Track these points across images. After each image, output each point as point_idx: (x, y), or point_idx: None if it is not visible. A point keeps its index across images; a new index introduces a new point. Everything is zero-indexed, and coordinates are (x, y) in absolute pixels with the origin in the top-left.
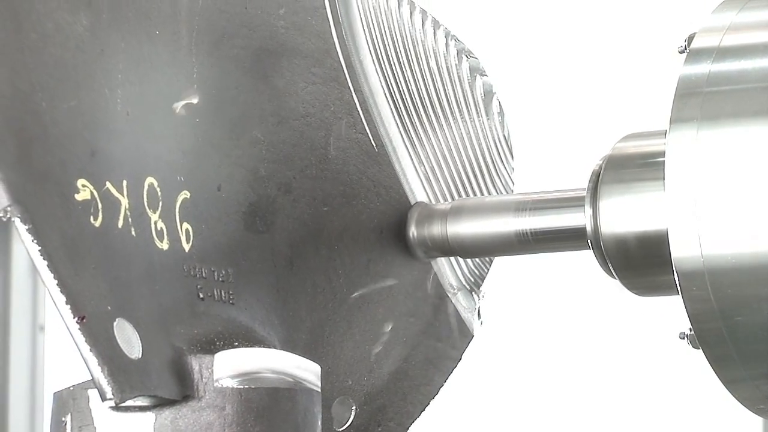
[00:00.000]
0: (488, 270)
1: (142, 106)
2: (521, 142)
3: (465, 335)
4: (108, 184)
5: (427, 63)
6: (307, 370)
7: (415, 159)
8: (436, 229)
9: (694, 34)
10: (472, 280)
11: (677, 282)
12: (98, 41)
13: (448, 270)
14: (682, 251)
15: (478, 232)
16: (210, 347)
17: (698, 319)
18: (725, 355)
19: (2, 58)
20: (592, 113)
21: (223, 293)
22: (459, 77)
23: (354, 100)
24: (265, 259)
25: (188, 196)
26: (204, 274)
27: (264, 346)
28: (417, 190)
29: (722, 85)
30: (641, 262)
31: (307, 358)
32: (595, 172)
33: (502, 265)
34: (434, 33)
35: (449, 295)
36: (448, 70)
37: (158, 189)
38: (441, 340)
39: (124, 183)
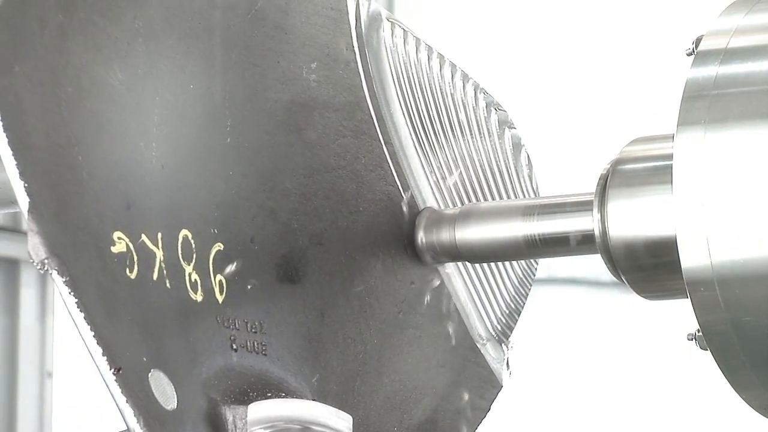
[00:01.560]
0: (517, 321)
1: (177, 159)
2: (531, 146)
3: (494, 386)
4: (143, 237)
5: (457, 115)
6: (340, 421)
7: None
8: (444, 235)
9: (702, 36)
10: (501, 330)
11: (686, 285)
12: (133, 95)
13: (477, 321)
14: (690, 255)
15: (486, 237)
16: (243, 398)
17: (707, 322)
18: (734, 357)
19: (39, 112)
20: (600, 117)
21: (255, 344)
22: (488, 130)
23: (384, 153)
24: (296, 310)
25: (222, 248)
26: (237, 326)
27: (296, 397)
28: None
29: (730, 87)
30: (649, 266)
31: (339, 408)
32: (602, 176)
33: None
34: (463, 86)
35: (478, 346)
36: (477, 122)
37: (192, 241)
38: (470, 391)
39: (159, 235)
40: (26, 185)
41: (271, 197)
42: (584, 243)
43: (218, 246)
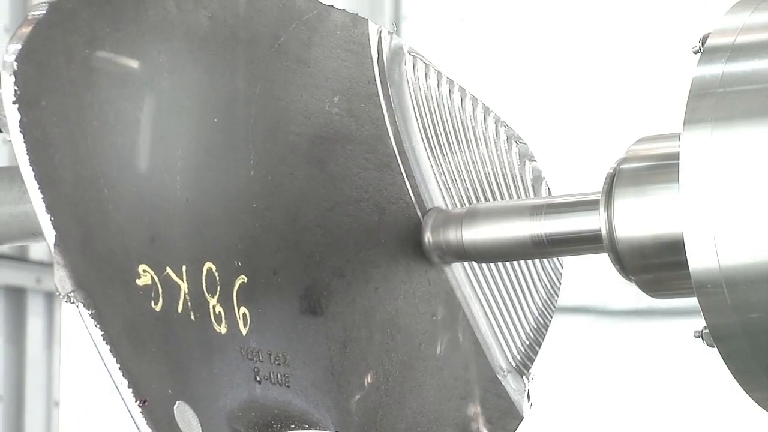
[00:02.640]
0: (537, 352)
1: (201, 191)
2: (538, 146)
3: (515, 417)
4: (168, 270)
5: (477, 148)
6: None
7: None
8: (451, 234)
9: (708, 34)
10: (522, 361)
11: (693, 285)
12: (158, 128)
13: (498, 352)
14: (697, 254)
15: (493, 237)
16: (267, 430)
17: (714, 322)
18: (743, 358)
19: (66, 146)
20: (606, 116)
21: (279, 376)
22: (509, 163)
23: (406, 186)
24: (319, 342)
25: (245, 281)
26: (261, 357)
27: (319, 428)
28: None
29: (736, 85)
30: (656, 265)
31: None
32: (609, 175)
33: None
34: (484, 119)
35: (499, 378)
36: (498, 156)
37: (216, 274)
38: (491, 422)
39: (184, 268)
40: (52, 218)
41: (293, 230)
42: (591, 242)
43: (242, 278)
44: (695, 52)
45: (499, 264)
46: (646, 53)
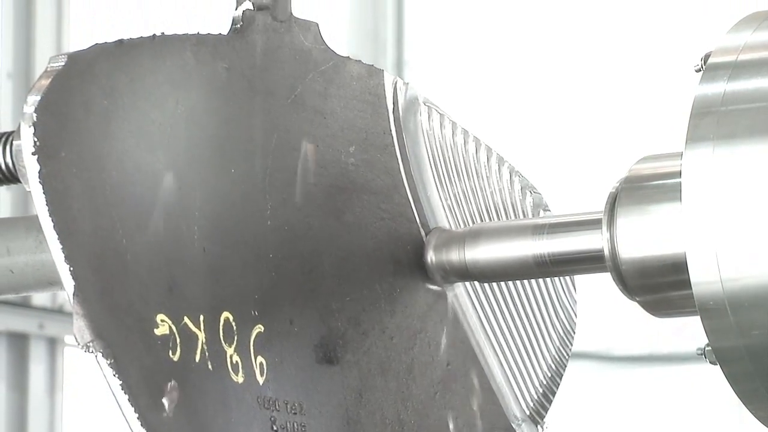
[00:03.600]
0: (552, 401)
1: (218, 241)
2: (540, 166)
3: None
4: (186, 319)
5: (492, 198)
6: None
7: (475, 299)
8: (454, 255)
9: (710, 53)
10: (536, 410)
11: (696, 304)
12: (176, 178)
13: (513, 401)
14: (700, 272)
15: (496, 257)
16: None
17: (718, 342)
18: (745, 374)
19: (85, 196)
20: (609, 136)
21: (295, 425)
22: (523, 212)
23: (422, 235)
24: (335, 391)
25: (262, 330)
26: (277, 407)
27: None
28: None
29: (738, 103)
30: (659, 284)
31: None
32: (611, 195)
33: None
34: (499, 168)
35: (514, 426)
36: (512, 205)
37: (233, 323)
38: None
39: (201, 318)
40: (71, 269)
41: (310, 279)
42: (594, 262)
43: (258, 328)
44: (697, 71)
45: (514, 311)
46: (648, 73)
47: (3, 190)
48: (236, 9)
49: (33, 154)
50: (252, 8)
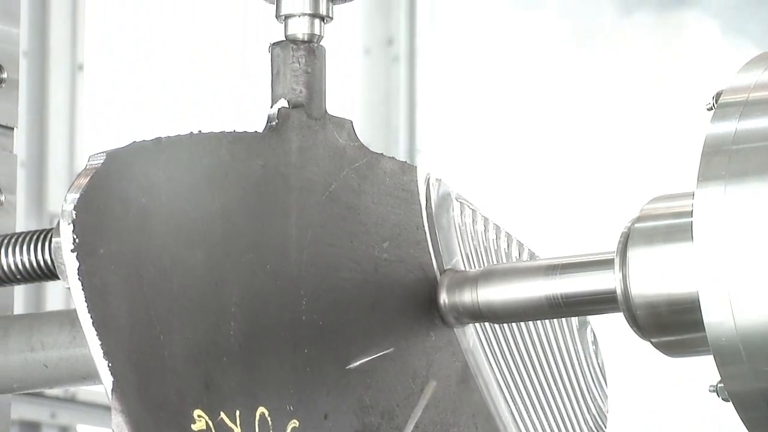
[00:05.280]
0: None
1: (254, 336)
2: (552, 207)
3: None
4: (222, 415)
5: None
6: None
7: (507, 392)
8: (467, 295)
9: (721, 91)
10: None
11: (710, 344)
12: (213, 274)
13: None
14: (713, 313)
15: (508, 298)
16: None
17: (733, 385)
18: (761, 419)
19: (123, 292)
20: (620, 176)
21: None
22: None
23: (454, 334)
24: None
25: (297, 425)
26: None
27: None
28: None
29: (749, 142)
30: (672, 324)
31: None
32: (624, 234)
33: None
34: None
35: None
36: None
37: (269, 418)
38: None
39: (237, 413)
40: (110, 365)
41: (344, 374)
42: (607, 303)
43: (294, 423)
44: (709, 109)
45: (543, 400)
46: (658, 114)
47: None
48: (271, 107)
49: (72, 251)
50: (287, 106)
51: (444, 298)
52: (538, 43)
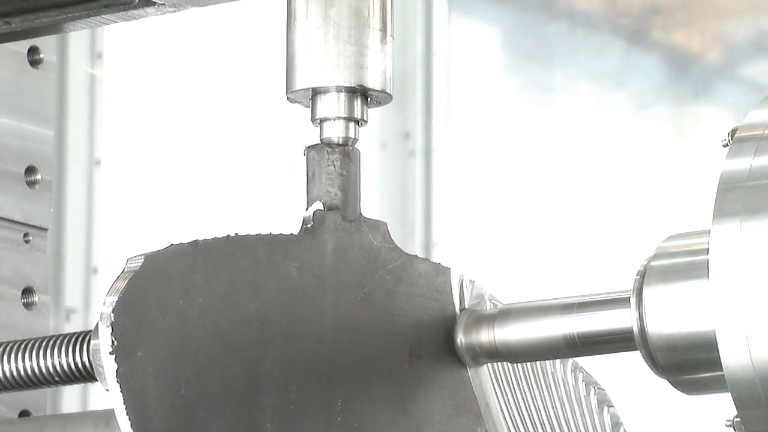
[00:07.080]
0: None
1: None
2: (565, 246)
3: None
4: None
5: (556, 392)
6: None
7: None
8: (483, 335)
9: (737, 128)
10: None
11: (727, 382)
12: (249, 378)
13: None
14: (730, 351)
15: (525, 338)
16: None
17: (751, 425)
18: None
19: (161, 395)
20: (636, 215)
21: None
22: (588, 407)
23: (485, 427)
24: None
25: None
26: None
27: None
28: None
29: (764, 178)
30: (690, 363)
31: None
32: (640, 273)
33: None
34: (563, 368)
35: None
36: (577, 401)
37: None
38: None
39: None
40: None
41: None
42: (623, 341)
43: None
44: (724, 146)
45: None
46: (675, 151)
47: None
48: (307, 210)
49: (110, 353)
50: (322, 209)
51: (461, 337)
52: (552, 137)
